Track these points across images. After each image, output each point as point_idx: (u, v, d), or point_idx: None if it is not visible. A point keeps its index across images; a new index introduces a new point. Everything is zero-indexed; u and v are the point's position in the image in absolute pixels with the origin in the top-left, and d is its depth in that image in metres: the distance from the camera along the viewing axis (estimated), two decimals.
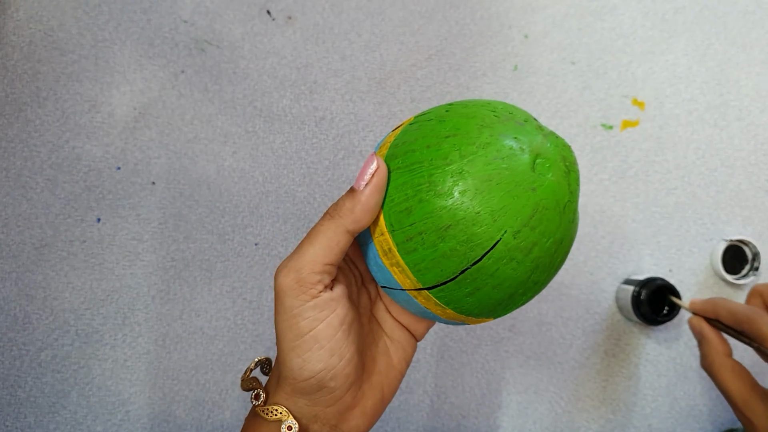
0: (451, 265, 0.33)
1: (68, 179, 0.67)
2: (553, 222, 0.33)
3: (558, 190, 0.33)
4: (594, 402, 0.70)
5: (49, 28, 0.68)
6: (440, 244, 0.33)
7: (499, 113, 0.34)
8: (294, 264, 0.34)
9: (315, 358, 0.34)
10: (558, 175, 0.33)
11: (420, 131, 0.35)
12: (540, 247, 0.33)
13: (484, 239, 0.32)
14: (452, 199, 0.32)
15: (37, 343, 0.66)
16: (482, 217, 0.32)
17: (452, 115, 0.35)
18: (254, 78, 0.70)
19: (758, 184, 0.72)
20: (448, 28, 0.71)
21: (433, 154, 0.34)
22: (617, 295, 0.70)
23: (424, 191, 0.33)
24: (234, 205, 0.68)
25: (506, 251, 0.32)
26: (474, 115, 0.34)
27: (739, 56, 0.73)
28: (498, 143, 0.33)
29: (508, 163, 0.33)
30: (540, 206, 0.32)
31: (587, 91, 0.72)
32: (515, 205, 0.32)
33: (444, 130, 0.34)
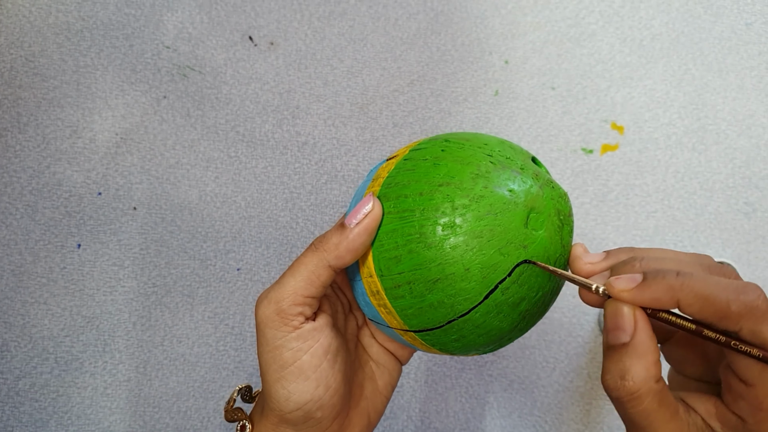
0: (437, 315, 0.33)
1: (48, 205, 0.67)
2: (543, 277, 0.33)
3: (549, 246, 0.33)
4: (578, 425, 0.70)
5: (31, 53, 0.68)
6: (428, 295, 0.33)
7: (495, 159, 0.34)
8: (274, 295, 0.34)
9: (300, 389, 0.34)
10: (551, 230, 0.33)
11: (414, 174, 0.35)
12: (528, 301, 0.33)
13: (472, 294, 0.32)
14: (442, 253, 0.32)
15: (15, 371, 0.66)
16: (471, 273, 0.32)
17: (447, 158, 0.34)
18: (237, 103, 0.70)
19: (737, 206, 0.73)
20: (429, 54, 0.72)
21: (426, 203, 0.33)
22: (600, 317, 0.71)
23: (414, 242, 0.33)
24: (216, 230, 0.68)
25: (494, 306, 0.32)
26: (470, 161, 0.34)
27: (715, 81, 0.74)
28: (492, 197, 0.32)
29: (501, 220, 0.32)
30: (529, 267, 0.32)
31: (567, 115, 0.73)
32: (505, 264, 0.32)
33: (438, 177, 0.34)
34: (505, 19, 0.73)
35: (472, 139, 0.36)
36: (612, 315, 0.29)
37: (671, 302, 0.27)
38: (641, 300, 0.28)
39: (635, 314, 0.28)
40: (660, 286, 0.27)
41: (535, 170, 0.34)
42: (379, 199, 0.35)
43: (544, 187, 0.33)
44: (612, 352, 0.28)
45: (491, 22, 0.73)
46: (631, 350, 0.28)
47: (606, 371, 0.28)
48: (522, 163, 0.34)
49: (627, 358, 0.28)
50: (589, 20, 0.74)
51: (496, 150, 0.35)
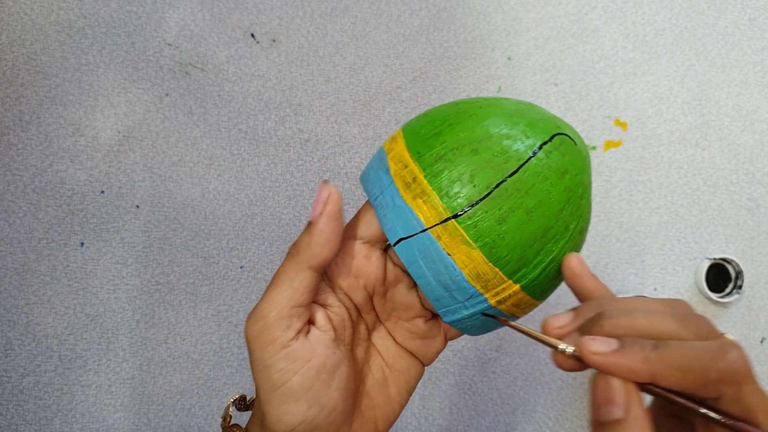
0: (485, 178, 0.31)
1: (51, 203, 0.67)
2: (579, 159, 0.33)
3: (577, 139, 0.35)
4: (582, 422, 0.70)
5: (33, 51, 0.69)
6: (473, 156, 0.31)
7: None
8: (259, 311, 0.32)
9: (292, 411, 0.32)
10: (576, 134, 0.35)
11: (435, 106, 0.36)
12: (571, 177, 0.32)
13: (520, 151, 0.31)
14: (484, 117, 0.33)
15: (19, 369, 0.66)
16: (516, 131, 0.32)
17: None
18: (239, 101, 0.70)
19: (740, 202, 0.73)
20: (432, 50, 0.72)
21: (456, 102, 0.35)
22: None
23: (453, 118, 0.33)
24: (219, 228, 0.69)
25: (541, 167, 0.31)
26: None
27: (719, 77, 0.74)
28: (517, 100, 0.36)
29: (531, 108, 0.34)
30: (566, 139, 0.33)
31: (570, 112, 0.73)
32: (544, 128, 0.33)
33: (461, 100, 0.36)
34: (507, 15, 0.73)
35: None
36: (602, 388, 0.27)
37: (646, 375, 0.26)
38: (615, 369, 0.26)
39: (628, 388, 0.26)
40: (636, 357, 0.26)
41: None
42: (407, 126, 0.35)
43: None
44: (604, 429, 0.26)
45: (494, 18, 0.73)
46: (628, 426, 0.26)
47: None
48: None
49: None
50: (592, 16, 0.74)
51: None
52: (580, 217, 0.33)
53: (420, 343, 0.39)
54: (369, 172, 0.35)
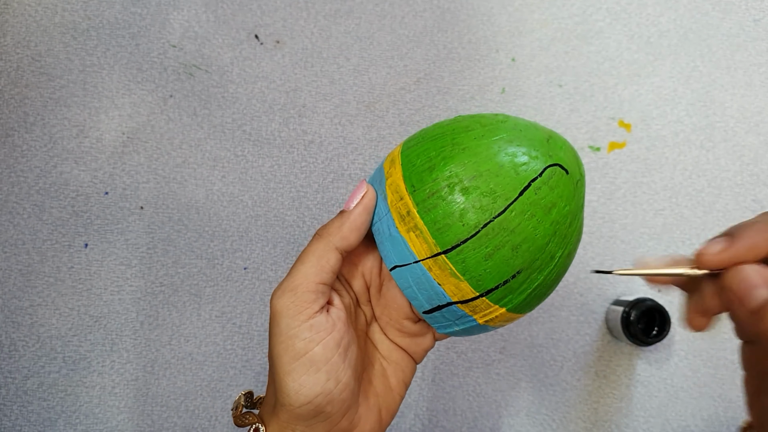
0: (473, 218, 0.33)
1: (55, 204, 0.68)
2: (568, 189, 0.35)
3: (570, 163, 0.35)
4: (586, 424, 0.71)
5: (37, 53, 0.69)
6: (463, 196, 0.33)
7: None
8: (287, 284, 0.35)
9: (311, 382, 0.34)
10: (570, 154, 0.36)
11: (436, 123, 0.38)
12: (558, 210, 0.34)
13: (507, 190, 0.33)
14: (476, 152, 0.34)
15: (23, 370, 0.66)
16: (506, 170, 0.33)
17: (463, 115, 0.38)
18: (243, 102, 0.71)
19: (745, 204, 0.73)
20: (436, 51, 0.73)
21: (455, 126, 0.36)
22: (607, 316, 0.71)
23: (447, 150, 0.34)
24: (223, 229, 0.69)
25: (528, 205, 0.33)
26: (486, 113, 0.38)
27: (723, 78, 0.75)
28: (514, 120, 0.36)
29: (527, 133, 0.35)
30: (557, 171, 0.34)
31: (574, 113, 0.73)
32: (535, 164, 0.34)
33: (461, 117, 0.37)
34: (512, 16, 0.74)
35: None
36: (738, 280, 0.28)
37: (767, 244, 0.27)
38: (738, 253, 0.28)
39: (760, 268, 0.28)
40: (751, 233, 0.28)
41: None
42: (404, 147, 0.37)
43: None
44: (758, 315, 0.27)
45: (498, 19, 0.74)
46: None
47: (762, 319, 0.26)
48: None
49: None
50: (597, 17, 0.74)
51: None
52: (566, 244, 0.35)
53: (410, 341, 0.42)
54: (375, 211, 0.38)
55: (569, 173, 0.35)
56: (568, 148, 0.36)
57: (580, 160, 0.37)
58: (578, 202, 0.36)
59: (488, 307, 0.35)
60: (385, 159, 0.38)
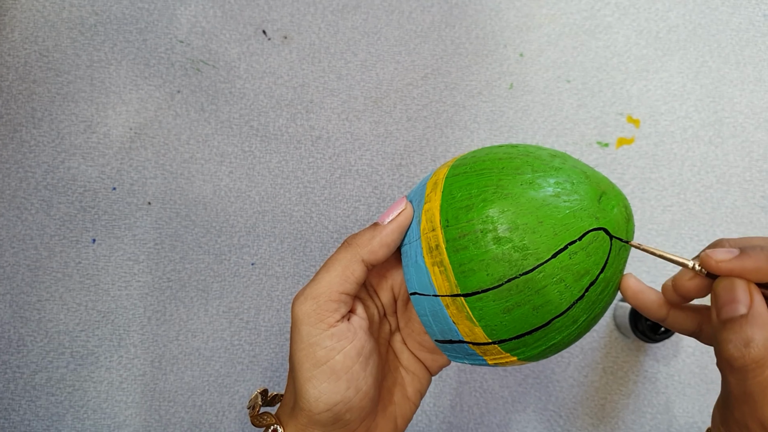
0: (499, 270, 0.32)
1: (63, 200, 0.68)
2: (606, 254, 0.33)
3: (618, 226, 0.33)
4: (593, 420, 0.71)
5: (45, 48, 0.70)
6: (494, 245, 0.32)
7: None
8: (311, 291, 0.35)
9: (331, 390, 0.35)
10: (621, 215, 0.34)
11: (491, 150, 0.36)
12: (590, 278, 0.32)
13: (540, 250, 0.32)
14: (518, 203, 0.32)
15: (32, 365, 0.67)
16: (544, 226, 0.32)
17: (521, 145, 0.36)
18: (250, 98, 0.71)
19: (753, 200, 0.74)
20: (443, 47, 0.73)
21: (506, 164, 0.34)
22: (615, 312, 0.72)
23: (490, 191, 0.33)
24: (230, 225, 0.70)
25: (559, 269, 0.32)
26: (543, 149, 0.36)
27: (732, 74, 0.75)
28: (569, 170, 0.34)
29: (577, 188, 0.33)
30: (600, 235, 0.32)
31: (583, 109, 0.73)
32: (578, 226, 0.32)
33: (517, 152, 0.35)
34: (519, 11, 0.74)
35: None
36: (726, 289, 0.30)
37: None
38: (742, 270, 0.29)
39: (750, 287, 0.29)
40: (759, 257, 0.29)
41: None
42: (453, 168, 0.36)
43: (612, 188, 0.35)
44: (730, 324, 0.29)
45: (506, 14, 0.74)
46: (752, 320, 0.29)
47: (727, 341, 0.28)
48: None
49: (748, 327, 0.28)
50: (605, 12, 0.75)
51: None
52: (593, 309, 0.34)
53: (428, 355, 0.42)
54: (413, 198, 0.38)
55: (614, 241, 0.33)
56: (620, 207, 0.34)
57: (633, 223, 0.35)
58: (616, 269, 0.34)
59: (499, 354, 0.35)
60: (430, 177, 0.37)
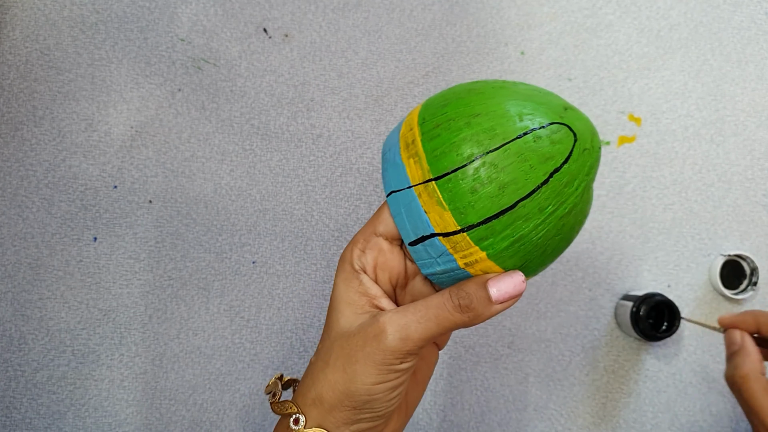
0: (467, 150, 0.34)
1: (64, 198, 0.68)
2: (571, 149, 0.35)
3: (583, 132, 0.36)
4: (594, 419, 0.71)
5: (46, 47, 0.70)
6: (464, 129, 0.35)
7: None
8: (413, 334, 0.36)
9: (384, 399, 0.37)
10: (585, 126, 0.37)
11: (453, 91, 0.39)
12: (555, 163, 0.34)
13: (507, 131, 0.34)
14: (488, 96, 0.36)
15: (33, 363, 0.67)
16: (511, 114, 0.35)
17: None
18: (251, 96, 0.71)
19: (755, 198, 0.74)
20: (444, 45, 0.73)
21: (483, 80, 0.38)
22: (616, 311, 0.72)
23: (464, 92, 0.37)
24: (231, 223, 0.70)
25: (525, 149, 0.34)
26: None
27: (734, 72, 0.75)
28: (542, 89, 0.38)
29: (546, 97, 0.36)
30: (564, 129, 0.35)
31: (584, 107, 0.73)
32: (545, 114, 0.35)
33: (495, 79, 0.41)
34: (521, 9, 0.74)
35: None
36: (728, 336, 0.57)
37: (753, 326, 0.56)
38: (733, 322, 0.57)
39: (742, 333, 0.55)
40: (747, 316, 0.56)
41: None
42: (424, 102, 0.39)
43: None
44: (730, 357, 0.55)
45: (507, 12, 0.74)
46: (740, 351, 0.53)
47: (726, 371, 0.54)
48: None
49: (738, 357, 0.53)
50: (606, 10, 0.75)
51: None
52: (561, 204, 0.35)
53: None
54: (391, 132, 0.40)
55: (578, 138, 0.35)
56: (585, 122, 0.37)
57: (598, 137, 0.37)
58: (581, 169, 0.36)
59: (469, 247, 0.35)
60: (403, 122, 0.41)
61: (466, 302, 0.36)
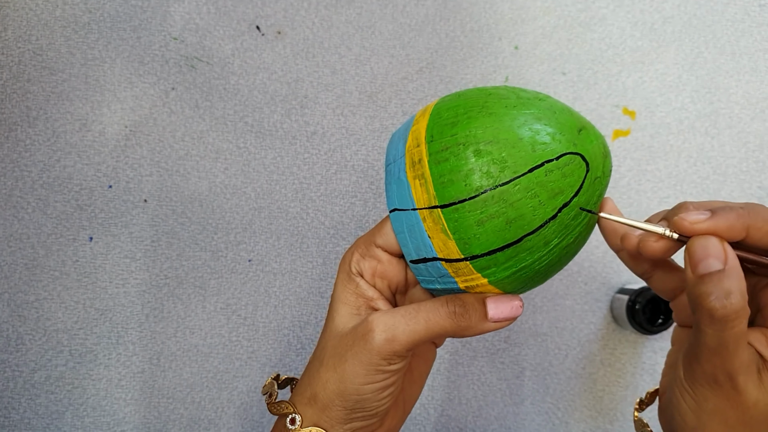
0: (476, 181, 0.34)
1: (59, 198, 0.69)
2: (581, 180, 0.35)
3: (595, 159, 0.36)
4: (591, 412, 0.72)
5: (38, 47, 0.70)
6: (474, 158, 0.34)
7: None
8: (401, 336, 0.36)
9: (373, 399, 0.37)
10: (598, 151, 0.36)
11: (478, 87, 0.38)
12: (564, 198, 0.34)
13: (518, 164, 0.34)
14: (500, 120, 0.34)
15: (31, 364, 0.68)
16: (524, 143, 0.34)
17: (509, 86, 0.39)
18: (245, 94, 0.71)
19: (750, 191, 0.74)
20: (438, 40, 0.73)
21: (493, 91, 0.37)
22: (612, 304, 0.72)
23: (475, 111, 0.35)
24: (227, 221, 0.70)
25: (535, 184, 0.34)
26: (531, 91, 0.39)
27: (728, 64, 0.75)
28: (553, 102, 0.37)
29: (559, 117, 0.36)
30: (576, 160, 0.34)
31: (578, 101, 0.74)
32: (556, 147, 0.34)
33: (504, 87, 0.38)
34: (514, 3, 0.74)
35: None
36: (702, 247, 0.31)
37: (741, 228, 0.31)
38: (715, 229, 0.31)
39: (723, 244, 0.31)
40: (731, 215, 0.31)
41: None
42: (438, 101, 0.38)
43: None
44: (708, 278, 0.30)
45: (500, 7, 0.74)
46: (729, 274, 0.30)
47: (707, 294, 0.30)
48: None
49: (727, 280, 0.29)
50: (600, 4, 0.75)
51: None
52: (566, 235, 0.35)
53: None
54: (396, 134, 0.39)
55: (590, 168, 0.35)
56: (598, 145, 0.36)
57: (610, 159, 0.37)
58: (591, 198, 0.35)
59: (471, 273, 0.36)
60: (418, 111, 0.40)
61: (461, 310, 0.36)
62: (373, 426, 0.39)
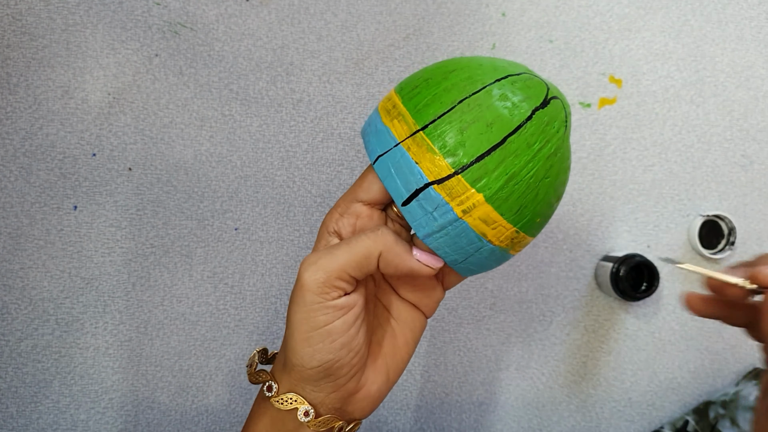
0: (450, 97, 0.37)
1: (43, 167, 0.68)
2: (545, 94, 0.39)
3: (559, 96, 0.40)
4: (575, 377, 0.73)
5: (17, 12, 0.69)
6: (443, 81, 0.37)
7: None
8: (325, 264, 0.37)
9: (325, 349, 0.37)
10: (561, 95, 0.41)
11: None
12: (533, 102, 0.38)
13: (485, 78, 0.38)
14: (462, 59, 0.39)
15: (17, 333, 0.68)
16: (485, 66, 0.38)
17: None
18: (229, 60, 0.71)
19: (734, 159, 0.75)
20: (425, 7, 0.73)
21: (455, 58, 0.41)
22: (596, 272, 0.73)
23: (439, 64, 0.40)
24: (212, 190, 0.70)
25: (504, 90, 0.37)
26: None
27: (714, 33, 0.75)
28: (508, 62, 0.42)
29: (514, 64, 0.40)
30: (535, 79, 0.39)
31: (565, 69, 0.74)
32: (516, 69, 0.39)
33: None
34: None
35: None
36: None
37: None
38: None
39: None
40: None
41: None
42: (395, 87, 0.41)
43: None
44: None
45: None
46: None
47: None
48: None
49: None
50: None
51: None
52: (546, 142, 0.38)
53: (421, 294, 0.44)
54: (366, 121, 0.42)
55: (549, 87, 0.39)
56: (560, 93, 0.41)
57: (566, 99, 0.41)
58: (558, 114, 0.39)
59: (465, 190, 0.36)
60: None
61: (384, 234, 0.38)
62: (348, 387, 0.39)
